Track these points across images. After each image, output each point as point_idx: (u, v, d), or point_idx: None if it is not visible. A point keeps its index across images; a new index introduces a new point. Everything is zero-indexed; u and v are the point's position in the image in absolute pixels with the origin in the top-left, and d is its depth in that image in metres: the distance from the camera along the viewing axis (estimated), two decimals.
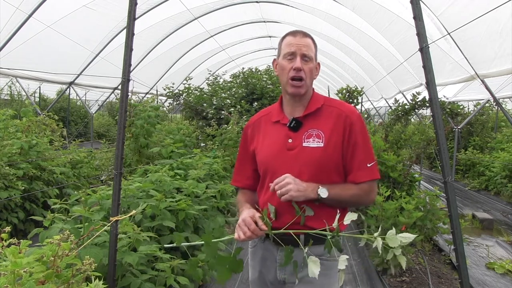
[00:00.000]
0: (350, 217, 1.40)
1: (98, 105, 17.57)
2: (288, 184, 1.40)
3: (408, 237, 1.34)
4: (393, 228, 1.37)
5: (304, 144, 1.52)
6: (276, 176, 1.50)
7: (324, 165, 1.50)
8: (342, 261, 1.36)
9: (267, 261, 1.60)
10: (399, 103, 6.29)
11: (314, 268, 1.33)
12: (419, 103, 5.87)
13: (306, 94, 1.58)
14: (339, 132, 1.52)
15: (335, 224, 1.38)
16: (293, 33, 1.57)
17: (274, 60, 1.65)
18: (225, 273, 1.35)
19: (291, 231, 1.42)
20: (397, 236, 1.35)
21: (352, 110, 1.57)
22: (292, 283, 1.55)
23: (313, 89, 1.63)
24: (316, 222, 1.46)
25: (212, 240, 1.35)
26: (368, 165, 1.52)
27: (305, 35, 1.57)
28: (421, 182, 7.24)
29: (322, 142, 1.51)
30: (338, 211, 1.43)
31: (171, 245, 1.60)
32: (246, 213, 1.48)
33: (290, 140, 1.54)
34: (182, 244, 1.44)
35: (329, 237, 1.37)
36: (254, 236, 1.42)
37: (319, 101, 1.59)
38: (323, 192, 1.42)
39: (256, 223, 1.43)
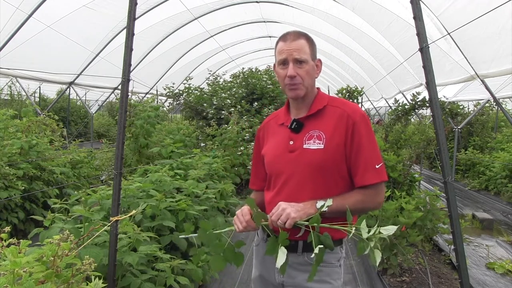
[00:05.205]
0: (327, 203, 1.36)
1: (98, 105, 17.58)
2: (285, 210, 1.35)
3: (389, 229, 1.26)
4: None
5: (304, 146, 1.49)
6: (280, 178, 1.52)
7: (325, 167, 1.46)
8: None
9: (267, 262, 1.59)
10: (399, 103, 6.28)
11: (281, 257, 1.30)
12: (419, 103, 5.86)
13: (309, 95, 1.54)
14: (341, 133, 1.46)
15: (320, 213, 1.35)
16: (284, 38, 1.52)
17: (274, 65, 1.60)
18: (219, 261, 1.35)
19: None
20: (375, 229, 1.28)
21: (355, 109, 1.50)
22: (290, 286, 1.54)
23: (318, 89, 1.60)
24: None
25: (211, 230, 1.37)
26: (376, 166, 1.45)
27: (297, 36, 1.51)
28: (421, 182, 7.24)
29: (322, 144, 1.46)
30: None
31: (185, 236, 1.56)
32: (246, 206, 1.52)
33: (291, 142, 1.52)
34: (188, 236, 1.46)
35: (314, 231, 1.34)
36: (249, 227, 1.45)
37: (322, 102, 1.54)
38: (322, 205, 1.37)
39: (251, 215, 1.44)
